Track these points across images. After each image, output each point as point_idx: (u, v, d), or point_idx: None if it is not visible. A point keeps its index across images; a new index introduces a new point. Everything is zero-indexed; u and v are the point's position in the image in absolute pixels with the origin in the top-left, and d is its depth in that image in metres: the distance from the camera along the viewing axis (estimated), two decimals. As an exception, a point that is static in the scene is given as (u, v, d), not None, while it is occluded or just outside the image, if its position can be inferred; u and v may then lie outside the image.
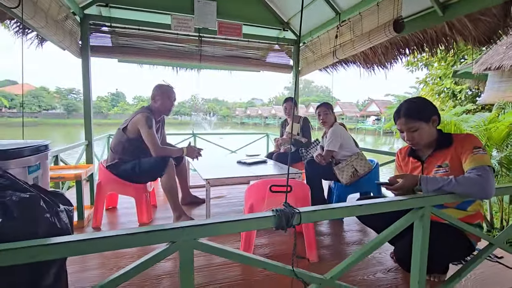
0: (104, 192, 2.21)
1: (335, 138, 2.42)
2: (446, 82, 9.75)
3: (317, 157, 2.46)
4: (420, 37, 3.22)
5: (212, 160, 2.95)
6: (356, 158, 2.38)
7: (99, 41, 3.82)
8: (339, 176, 2.35)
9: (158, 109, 2.34)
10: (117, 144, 2.22)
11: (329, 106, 2.58)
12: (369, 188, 2.49)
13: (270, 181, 1.68)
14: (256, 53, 4.66)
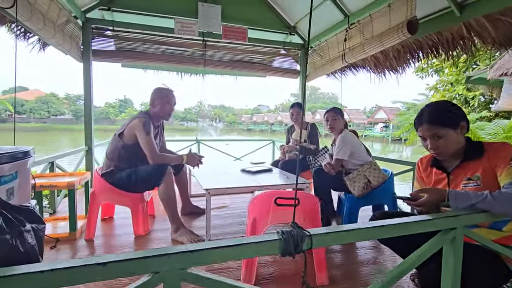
0: (98, 202, 2.07)
1: (345, 146, 2.25)
2: (458, 88, 9.49)
3: (325, 166, 2.29)
4: (434, 39, 3.06)
5: (215, 168, 2.80)
6: (369, 167, 2.20)
7: (101, 45, 3.75)
8: (350, 187, 2.17)
9: (157, 114, 2.21)
10: (112, 151, 2.10)
11: (338, 111, 2.42)
12: (383, 200, 2.30)
13: (275, 192, 1.52)
14: (261, 58, 4.54)
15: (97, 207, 2.07)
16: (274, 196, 1.49)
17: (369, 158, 2.32)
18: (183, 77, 4.87)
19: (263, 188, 2.08)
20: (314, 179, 2.37)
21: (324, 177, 2.32)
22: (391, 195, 2.27)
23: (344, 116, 3.31)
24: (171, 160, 2.13)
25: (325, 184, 2.36)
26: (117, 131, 2.12)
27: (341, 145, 2.26)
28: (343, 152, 2.24)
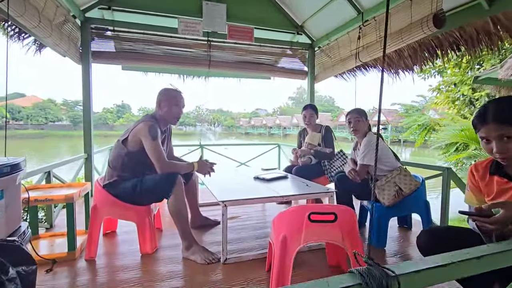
0: (100, 217, 1.85)
1: (371, 150, 2.05)
2: (463, 89, 9.33)
3: (350, 173, 2.08)
4: (456, 35, 2.88)
5: (225, 176, 2.59)
6: (399, 173, 2.00)
7: (101, 46, 3.55)
8: (379, 196, 1.97)
9: (163, 117, 2.00)
10: (115, 159, 1.88)
11: (361, 112, 2.22)
12: (415, 209, 2.10)
13: (308, 207, 1.31)
14: (268, 59, 4.35)
15: (99, 223, 1.85)
16: (307, 210, 1.28)
17: (398, 163, 2.11)
18: (185, 79, 4.68)
19: (284, 199, 1.87)
20: (337, 186, 2.16)
21: (348, 184, 2.12)
22: (423, 203, 2.06)
23: (343, 118, 3.12)
24: (182, 169, 1.92)
25: (348, 192, 2.15)
26: (120, 137, 1.90)
27: (366, 150, 2.05)
28: (369, 157, 2.04)
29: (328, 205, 1.37)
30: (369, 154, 2.04)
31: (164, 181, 1.80)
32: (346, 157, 3.04)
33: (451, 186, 2.38)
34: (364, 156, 2.04)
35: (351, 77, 4.41)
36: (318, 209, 1.29)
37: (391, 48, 2.86)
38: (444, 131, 5.83)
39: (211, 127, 65.89)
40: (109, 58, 3.57)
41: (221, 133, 63.90)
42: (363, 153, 2.06)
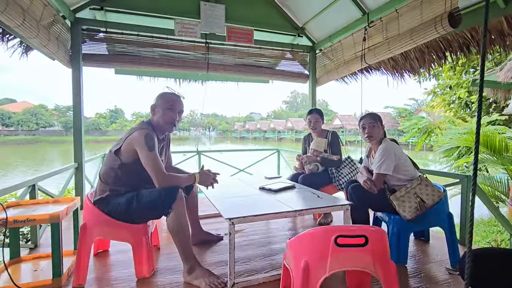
0: (90, 238, 1.64)
1: (388, 158, 1.88)
2: (459, 91, 9.33)
3: (365, 183, 1.91)
4: (466, 36, 2.76)
5: (227, 187, 2.39)
6: (419, 183, 1.84)
7: (93, 48, 3.34)
8: (399, 208, 1.80)
9: (158, 124, 1.80)
10: (107, 172, 1.68)
11: (376, 117, 2.06)
12: (437, 222, 1.93)
13: (333, 229, 1.13)
14: (268, 61, 4.20)
15: (89, 245, 1.63)
16: (332, 233, 1.10)
17: (417, 172, 1.95)
18: (181, 84, 4.50)
19: (297, 214, 1.69)
20: (351, 197, 1.99)
21: (363, 195, 1.94)
22: (446, 215, 1.90)
23: (337, 122, 2.96)
24: (182, 182, 1.72)
25: (364, 203, 1.98)
26: (112, 147, 1.70)
27: (383, 157, 1.89)
28: (386, 165, 1.87)
29: (357, 227, 1.20)
30: (387, 162, 1.87)
31: (164, 196, 1.60)
32: (354, 163, 2.88)
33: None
34: (381, 165, 1.88)
35: (353, 81, 4.27)
36: (346, 231, 1.11)
37: (400, 49, 2.74)
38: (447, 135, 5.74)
39: (206, 132, 65.49)
40: (101, 61, 3.37)
41: (216, 138, 63.56)
42: (379, 161, 1.89)
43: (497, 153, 3.61)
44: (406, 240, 1.84)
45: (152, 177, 1.60)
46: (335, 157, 2.78)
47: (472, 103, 9.97)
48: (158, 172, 1.60)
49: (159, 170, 1.60)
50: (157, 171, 1.60)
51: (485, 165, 4.88)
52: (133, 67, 3.58)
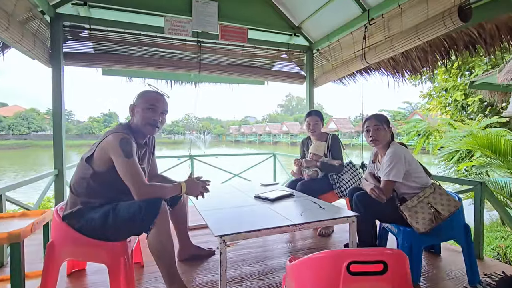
0: (58, 260, 1.41)
1: (398, 163, 1.70)
2: (455, 94, 9.28)
3: (372, 192, 1.72)
4: (473, 34, 2.61)
5: (219, 196, 2.18)
6: (432, 192, 1.66)
7: (76, 46, 3.12)
8: (411, 219, 1.61)
9: (138, 126, 1.58)
10: (79, 182, 1.46)
11: (382, 118, 1.88)
12: (452, 235, 1.74)
13: (345, 253, 0.93)
14: (263, 62, 4.01)
15: (57, 268, 1.41)
16: (344, 258, 0.90)
17: (429, 179, 1.77)
18: (173, 85, 4.29)
19: (297, 228, 1.49)
20: (357, 207, 1.79)
21: (370, 205, 1.75)
22: (462, 227, 1.72)
23: (332, 125, 2.78)
24: (165, 192, 1.50)
25: (371, 214, 1.78)
26: (84, 154, 1.48)
27: (392, 163, 1.70)
28: (396, 171, 1.69)
29: (373, 250, 1.00)
30: (396, 168, 1.68)
31: (144, 210, 1.38)
32: (356, 169, 2.70)
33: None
34: (390, 171, 1.69)
35: (351, 82, 4.11)
36: (360, 256, 0.91)
37: (405, 46, 2.58)
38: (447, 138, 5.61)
39: (201, 136, 65.07)
40: (85, 60, 3.14)
41: (211, 142, 63.15)
42: (388, 166, 1.71)
43: (502, 156, 3.46)
44: (419, 256, 1.65)
45: (129, 188, 1.39)
46: (336, 162, 2.59)
47: (468, 106, 9.93)
48: (136, 182, 1.38)
49: (138, 179, 1.39)
50: (135, 181, 1.38)
51: (486, 169, 4.75)
52: (120, 67, 3.36)
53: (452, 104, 10.34)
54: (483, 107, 9.49)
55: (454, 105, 10.24)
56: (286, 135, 55.58)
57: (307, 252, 2.14)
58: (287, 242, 2.36)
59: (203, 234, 2.50)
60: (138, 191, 1.38)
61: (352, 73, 3.78)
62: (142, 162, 1.64)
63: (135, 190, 1.38)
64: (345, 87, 4.24)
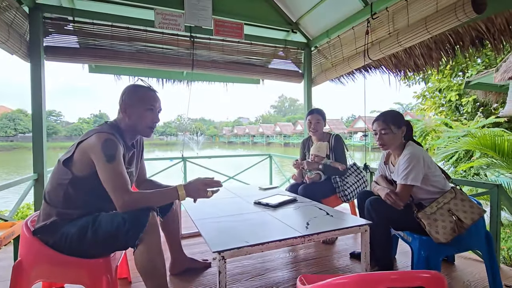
0: (27, 282, 1.20)
1: (417, 165, 1.54)
2: (449, 94, 9.29)
3: (388, 197, 1.56)
4: (481, 29, 2.49)
5: (215, 203, 1.99)
6: (453, 197, 1.50)
7: (58, 40, 2.89)
8: (430, 228, 1.45)
9: (131, 127, 1.39)
10: (54, 189, 1.25)
11: (389, 120, 1.68)
12: (473, 244, 1.60)
13: (377, 277, 0.76)
14: (259, 59, 3.84)
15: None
16: (374, 285, 0.73)
17: (449, 183, 1.62)
18: (164, 84, 4.08)
19: (306, 240, 1.31)
20: (369, 213, 1.63)
21: (385, 211, 1.59)
22: (483, 236, 1.57)
23: (325, 127, 2.61)
24: (156, 200, 1.30)
25: (385, 222, 1.62)
26: (61, 156, 1.27)
27: (410, 166, 1.54)
28: (414, 175, 1.53)
29: (410, 274, 0.83)
30: (415, 171, 1.52)
31: (129, 223, 1.18)
32: (361, 171, 2.54)
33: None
34: (408, 174, 1.53)
35: (350, 81, 3.97)
36: (396, 282, 0.74)
37: (413, 41, 2.44)
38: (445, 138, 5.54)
39: (194, 137, 64.47)
40: (68, 55, 2.91)
41: (204, 143, 62.62)
42: (406, 169, 1.55)
43: (505, 157, 3.37)
44: (437, 268, 1.49)
45: (111, 197, 1.18)
46: (339, 165, 2.42)
47: (462, 106, 9.97)
48: (119, 189, 1.18)
49: (121, 187, 1.18)
50: (117, 188, 1.18)
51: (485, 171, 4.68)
52: (107, 63, 3.13)
53: (446, 104, 10.38)
54: (476, 107, 9.54)
55: (448, 105, 10.28)
56: (279, 136, 55.55)
57: (313, 263, 1.96)
58: (289, 251, 2.18)
59: (197, 243, 2.30)
60: (121, 200, 1.17)
61: (351, 71, 3.64)
62: (129, 165, 1.44)
63: (117, 199, 1.17)
64: (343, 86, 4.11)
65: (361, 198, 1.81)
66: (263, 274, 1.79)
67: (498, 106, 8.80)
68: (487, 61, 9.30)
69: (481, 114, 8.41)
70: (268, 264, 1.93)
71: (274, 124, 62.25)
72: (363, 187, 2.48)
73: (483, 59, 9.06)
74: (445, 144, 5.48)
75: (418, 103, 11.76)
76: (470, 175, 5.26)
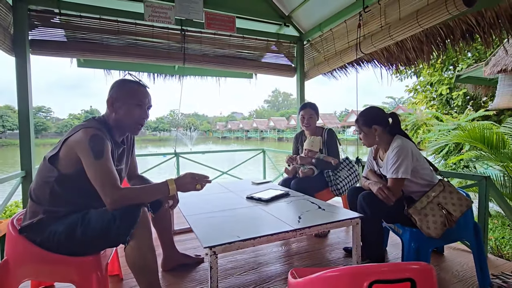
0: (14, 282, 1.18)
1: (406, 158, 1.55)
2: (440, 88, 9.39)
3: (380, 191, 1.57)
4: (471, 22, 2.50)
5: (207, 198, 1.98)
6: (442, 190, 1.52)
7: (44, 34, 2.80)
8: (421, 223, 1.46)
9: (120, 123, 1.36)
10: (41, 187, 1.22)
11: (365, 120, 1.70)
12: (462, 235, 1.63)
13: (365, 269, 0.76)
14: (252, 53, 3.80)
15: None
16: (366, 277, 0.73)
17: (436, 176, 1.64)
18: (156, 79, 4.02)
19: (298, 234, 1.32)
20: (362, 208, 1.64)
21: (378, 205, 1.60)
22: (472, 227, 1.60)
23: (318, 121, 2.63)
24: (146, 196, 1.28)
25: (378, 216, 1.63)
26: (47, 153, 1.24)
27: (400, 158, 1.55)
28: (404, 168, 1.54)
29: (398, 266, 0.84)
30: (405, 164, 1.54)
31: (119, 219, 1.16)
32: (353, 165, 2.56)
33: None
34: (399, 167, 1.54)
35: (342, 75, 3.96)
36: (385, 274, 0.74)
37: (404, 34, 2.44)
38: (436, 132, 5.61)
39: (187, 132, 64.07)
40: (55, 49, 2.83)
41: (197, 138, 62.29)
42: (395, 163, 1.56)
43: (494, 149, 3.43)
44: (427, 259, 1.51)
45: (100, 194, 1.16)
46: (332, 159, 2.43)
47: (452, 100, 10.11)
48: (107, 186, 1.15)
49: (110, 184, 1.16)
50: (106, 185, 1.15)
51: (474, 163, 4.76)
52: (96, 57, 3.06)
53: (437, 98, 10.51)
54: (466, 101, 9.68)
55: (439, 99, 10.41)
56: (273, 131, 55.64)
57: (305, 257, 1.98)
58: (281, 245, 2.19)
59: (189, 238, 2.29)
60: (110, 198, 1.15)
61: (344, 65, 3.64)
62: (119, 163, 1.42)
63: (106, 197, 1.15)
64: (336, 80, 4.11)
65: (351, 194, 1.83)
66: (255, 268, 1.80)
67: (487, 99, 8.95)
68: (476, 55, 9.42)
69: (471, 108, 8.54)
70: (261, 259, 1.94)
71: (267, 119, 62.27)
72: (355, 181, 2.49)
73: (473, 53, 9.17)
74: (436, 137, 5.56)
75: (410, 97, 11.89)
76: (460, 167, 5.35)
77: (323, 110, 65.87)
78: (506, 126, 4.05)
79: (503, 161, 3.20)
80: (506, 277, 1.63)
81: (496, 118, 7.48)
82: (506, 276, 1.65)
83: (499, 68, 5.28)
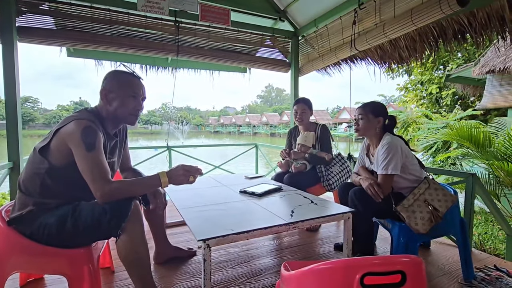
0: (3, 274, 1.16)
1: (396, 155, 1.58)
2: (430, 87, 9.55)
3: (370, 187, 1.60)
4: (463, 22, 2.54)
5: (200, 192, 1.98)
6: (427, 187, 1.56)
7: (33, 21, 2.72)
8: (409, 221, 1.49)
9: (114, 115, 1.34)
10: (31, 178, 1.20)
11: (369, 108, 1.73)
12: (448, 230, 1.67)
13: (356, 262, 0.78)
14: (246, 47, 3.78)
15: (1, 283, 1.15)
16: (357, 270, 0.75)
17: (423, 172, 1.68)
18: (148, 71, 3.96)
19: (290, 228, 1.33)
20: (354, 203, 1.67)
21: (369, 201, 1.63)
22: (458, 223, 1.65)
23: (311, 117, 2.64)
24: (138, 189, 1.27)
25: (370, 211, 1.66)
26: (37, 144, 1.21)
27: (390, 155, 1.58)
28: (394, 164, 1.57)
29: (389, 259, 0.86)
30: (395, 160, 1.57)
31: (110, 212, 1.15)
32: (345, 161, 2.59)
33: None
34: (388, 163, 1.57)
35: (336, 72, 3.99)
36: (376, 267, 0.76)
37: (398, 32, 2.46)
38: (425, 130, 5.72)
39: (179, 126, 63.46)
40: (44, 37, 2.75)
41: (189, 132, 61.81)
42: (386, 159, 1.59)
43: (480, 148, 3.53)
44: (415, 253, 1.56)
45: (90, 187, 1.14)
46: (325, 154, 2.46)
47: (442, 99, 10.30)
48: (98, 179, 1.13)
49: (101, 177, 1.14)
50: (96, 178, 1.13)
51: (460, 161, 4.89)
52: (87, 47, 2.99)
53: (427, 97, 10.69)
54: (455, 100, 9.88)
55: (429, 98, 10.59)
56: (265, 126, 55.66)
57: (297, 250, 2.01)
58: (273, 238, 2.22)
59: (182, 232, 2.29)
60: (100, 191, 1.13)
61: (338, 62, 3.66)
62: (111, 155, 1.40)
63: (96, 190, 1.13)
64: (330, 77, 4.13)
65: (343, 189, 1.85)
66: (248, 261, 1.82)
67: (475, 99, 9.15)
68: (466, 55, 9.60)
69: (459, 107, 8.72)
70: (253, 252, 1.96)
71: (260, 114, 62.21)
72: (347, 176, 2.53)
73: (463, 53, 9.33)
74: (425, 135, 5.67)
75: (401, 95, 12.06)
76: (447, 164, 5.49)
77: (315, 107, 66.31)
78: (492, 126, 4.17)
79: (489, 159, 3.29)
80: (488, 270, 1.70)
81: (482, 117, 7.67)
82: (489, 269, 1.72)
83: (488, 69, 5.41)
